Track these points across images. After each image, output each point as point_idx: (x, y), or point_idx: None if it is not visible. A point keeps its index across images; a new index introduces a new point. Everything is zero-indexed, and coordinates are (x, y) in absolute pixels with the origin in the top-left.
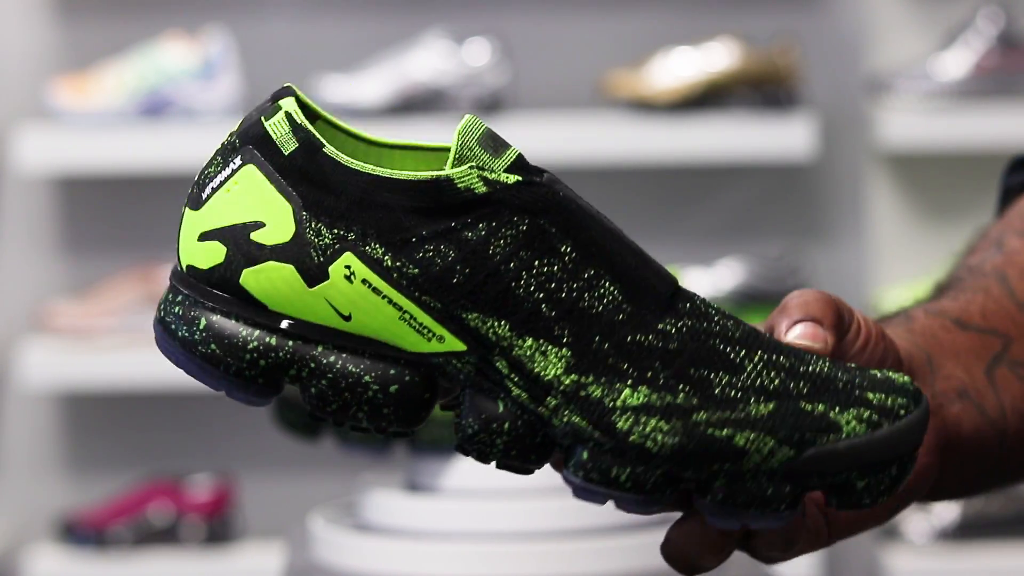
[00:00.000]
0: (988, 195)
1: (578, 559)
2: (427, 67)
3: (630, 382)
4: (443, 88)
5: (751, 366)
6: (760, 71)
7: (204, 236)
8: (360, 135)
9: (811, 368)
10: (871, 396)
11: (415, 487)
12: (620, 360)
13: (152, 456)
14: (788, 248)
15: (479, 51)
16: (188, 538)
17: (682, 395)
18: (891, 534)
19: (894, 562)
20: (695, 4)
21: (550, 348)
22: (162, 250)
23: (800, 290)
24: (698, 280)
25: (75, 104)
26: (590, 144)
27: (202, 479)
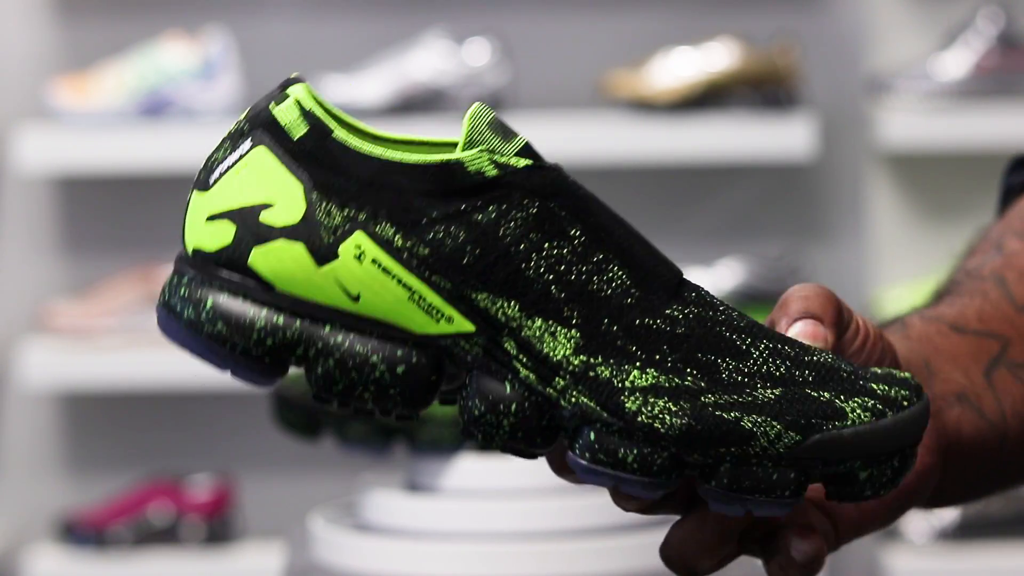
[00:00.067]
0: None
1: (578, 559)
2: (427, 67)
3: (639, 364)
4: (443, 88)
5: (757, 353)
6: (760, 71)
7: (213, 217)
8: (365, 129)
9: (816, 358)
10: (875, 386)
11: (415, 487)
12: (629, 342)
13: (152, 456)
14: (788, 248)
15: (479, 51)
16: (188, 538)
17: (690, 378)
18: (891, 534)
19: (894, 562)
20: (695, 4)
21: (559, 329)
22: (162, 250)
23: (800, 285)
24: (698, 280)
25: (75, 104)
26: (590, 144)
27: (202, 479)
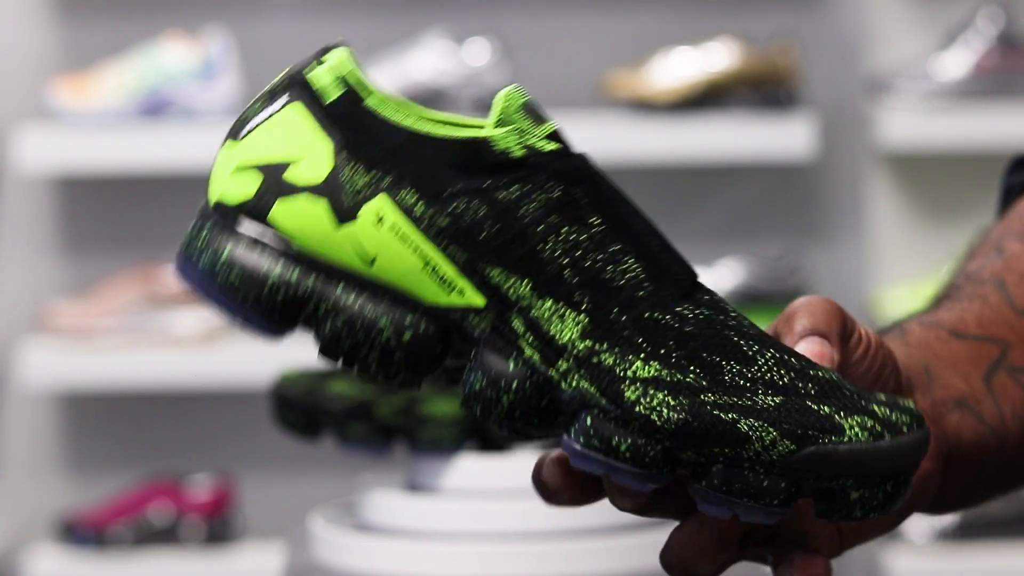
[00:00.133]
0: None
1: (578, 559)
2: (427, 67)
3: (643, 355)
4: (443, 88)
5: (763, 360)
6: (760, 71)
7: (240, 168)
8: (398, 101)
9: (821, 374)
10: (876, 408)
11: (415, 487)
12: (635, 333)
13: (152, 456)
14: (788, 248)
15: (479, 51)
16: (188, 538)
17: (692, 375)
18: (891, 534)
19: (894, 562)
20: (695, 4)
21: (568, 312)
22: (162, 250)
23: (806, 298)
24: None
25: (75, 104)
26: (590, 144)
27: (202, 479)
